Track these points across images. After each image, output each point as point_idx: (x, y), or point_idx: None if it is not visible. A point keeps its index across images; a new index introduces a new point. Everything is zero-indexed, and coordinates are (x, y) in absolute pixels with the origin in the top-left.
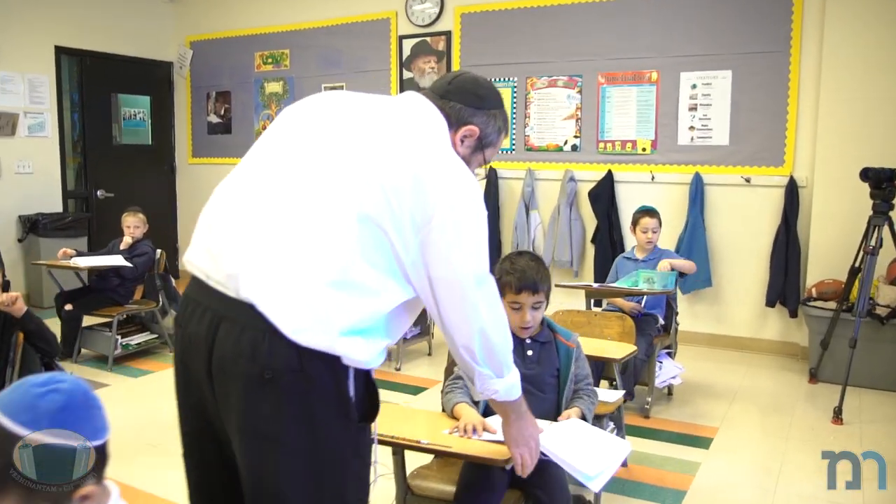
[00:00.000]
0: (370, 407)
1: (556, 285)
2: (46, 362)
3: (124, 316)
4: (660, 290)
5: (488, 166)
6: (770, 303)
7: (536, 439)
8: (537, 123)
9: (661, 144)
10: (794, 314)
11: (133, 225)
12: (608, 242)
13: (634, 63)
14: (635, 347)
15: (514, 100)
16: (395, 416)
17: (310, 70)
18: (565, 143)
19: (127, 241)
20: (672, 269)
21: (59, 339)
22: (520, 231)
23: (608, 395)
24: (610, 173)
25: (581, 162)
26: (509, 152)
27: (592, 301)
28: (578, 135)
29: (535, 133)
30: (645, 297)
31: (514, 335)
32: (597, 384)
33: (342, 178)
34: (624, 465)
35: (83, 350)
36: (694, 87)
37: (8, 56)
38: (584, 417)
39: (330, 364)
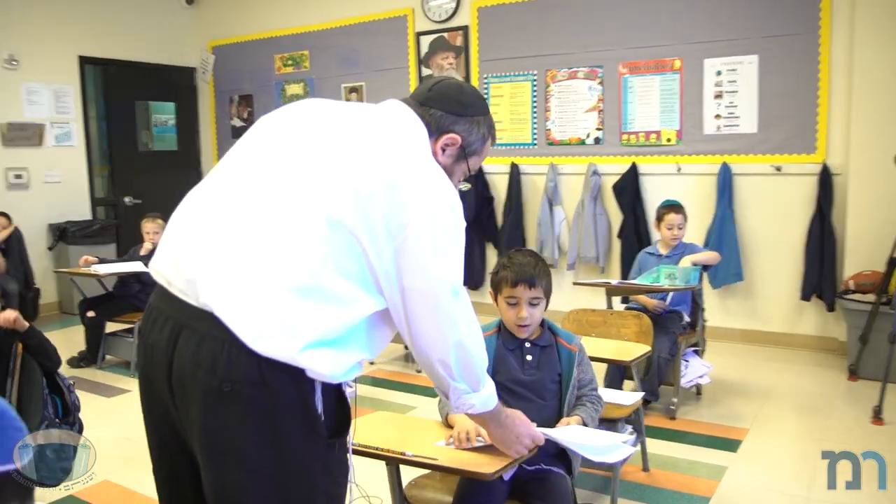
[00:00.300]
0: (341, 422)
1: (575, 283)
2: (46, 372)
3: None
4: (682, 286)
5: (470, 178)
6: (805, 296)
7: (526, 432)
8: (558, 117)
9: (686, 134)
10: (831, 308)
11: (153, 231)
12: (634, 237)
13: (656, 51)
14: (649, 348)
15: (535, 94)
16: (390, 425)
17: (329, 70)
18: (587, 135)
19: (147, 246)
20: (694, 265)
21: (86, 345)
22: (543, 227)
23: (625, 397)
24: (634, 166)
25: (604, 155)
26: (531, 147)
27: (620, 298)
28: (601, 127)
29: (557, 127)
30: (671, 293)
31: (513, 337)
32: (619, 385)
33: (312, 182)
34: (646, 469)
35: (107, 356)
36: (719, 73)
37: (33, 67)
38: (584, 425)
39: (294, 376)
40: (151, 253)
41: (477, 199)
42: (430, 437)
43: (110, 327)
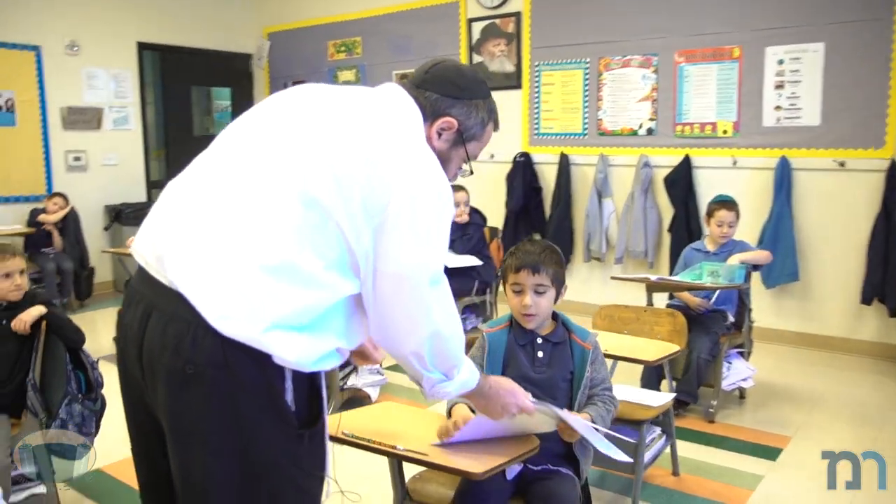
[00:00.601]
0: (314, 413)
1: (613, 278)
2: (70, 348)
3: None
4: (725, 285)
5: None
6: (866, 300)
7: (512, 401)
8: (610, 106)
9: (743, 126)
10: (893, 313)
11: None
12: (685, 232)
13: (714, 39)
14: (678, 347)
15: (587, 82)
16: (394, 416)
17: (381, 57)
18: (640, 126)
19: None
20: (742, 264)
21: None
22: (591, 220)
23: (653, 397)
24: (687, 158)
25: (657, 146)
26: (581, 137)
27: (668, 295)
28: (654, 117)
29: (608, 116)
30: (717, 291)
31: (524, 332)
32: (657, 386)
33: (288, 160)
34: (675, 473)
35: None
36: (781, 62)
37: (93, 53)
38: (592, 423)
39: (259, 361)
40: None
41: (525, 189)
42: (432, 430)
43: None
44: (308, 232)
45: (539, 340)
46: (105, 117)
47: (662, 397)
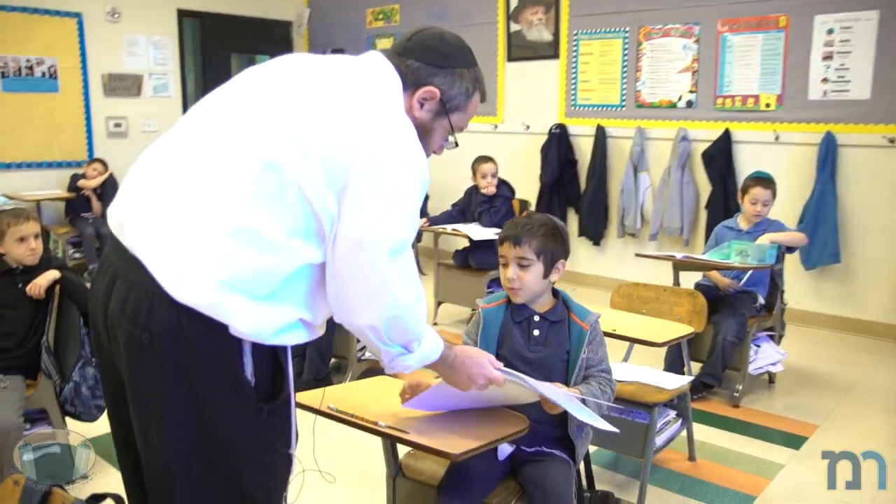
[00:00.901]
0: (276, 387)
1: (637, 255)
2: (84, 313)
3: None
4: (754, 265)
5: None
6: None
7: (479, 372)
8: (649, 77)
9: (787, 100)
10: None
11: None
12: (722, 209)
13: (760, 7)
14: (691, 329)
15: (626, 52)
16: (385, 392)
17: (418, 24)
18: (679, 98)
19: None
20: (773, 244)
21: None
22: (626, 195)
23: (668, 379)
24: (727, 132)
25: (696, 119)
26: (619, 109)
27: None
28: (694, 89)
29: (647, 88)
30: (748, 272)
31: (521, 309)
32: (680, 369)
33: (250, 125)
34: (692, 458)
35: None
36: (830, 31)
37: (133, 20)
38: (582, 400)
39: (215, 332)
40: None
41: (559, 161)
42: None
43: None
44: (265, 195)
45: (536, 318)
46: (145, 84)
47: (678, 380)
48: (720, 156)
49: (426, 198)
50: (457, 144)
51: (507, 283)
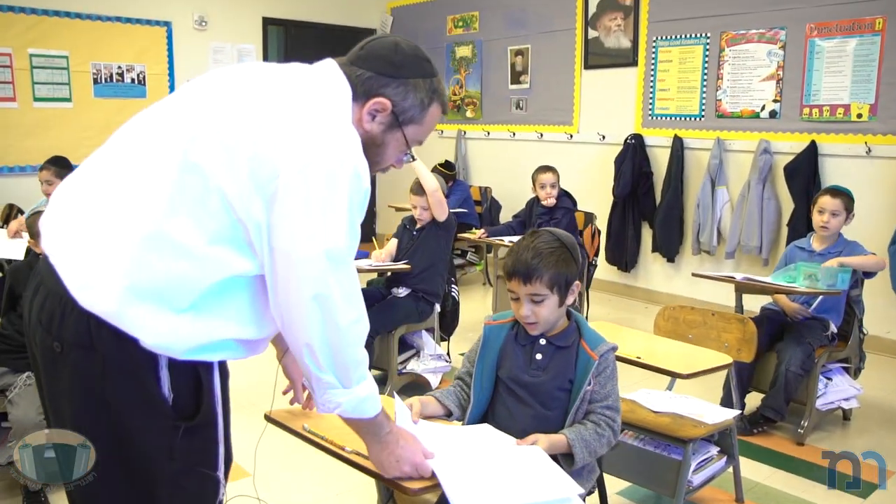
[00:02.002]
0: (198, 406)
1: (693, 275)
2: None
3: None
4: (822, 290)
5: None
6: None
7: (409, 458)
8: (731, 85)
9: (882, 110)
10: None
11: None
12: (805, 227)
13: (854, 8)
14: (730, 360)
15: (706, 59)
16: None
17: (497, 32)
18: (762, 108)
19: None
20: (843, 267)
21: None
22: (702, 210)
23: (712, 412)
24: (813, 144)
25: (779, 131)
26: (698, 119)
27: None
28: (778, 98)
29: (728, 97)
30: (818, 297)
31: (525, 332)
32: (741, 398)
33: (175, 129)
34: (739, 500)
35: None
36: None
37: (220, 28)
38: (568, 451)
39: (125, 343)
40: None
41: (634, 173)
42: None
43: None
44: (184, 199)
45: (542, 341)
46: None
47: (722, 413)
48: (805, 169)
49: (495, 208)
50: (413, 158)
51: (521, 318)
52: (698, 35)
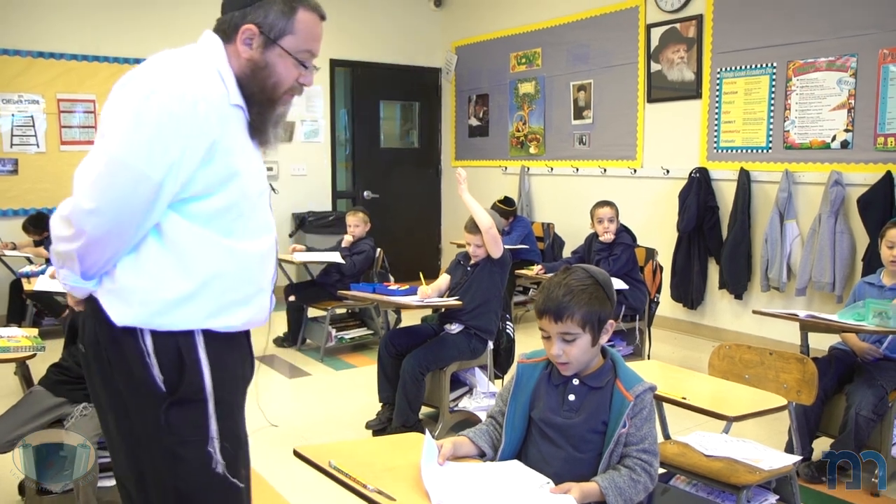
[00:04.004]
0: (186, 380)
1: (755, 312)
2: None
3: (344, 310)
4: (893, 329)
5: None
6: None
7: None
8: (799, 116)
9: None
10: None
11: (353, 224)
12: (880, 263)
13: None
14: (784, 402)
15: (773, 89)
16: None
17: (560, 68)
18: (833, 138)
19: (347, 238)
20: None
21: (287, 327)
22: (771, 245)
23: (770, 457)
24: (889, 175)
25: (852, 162)
26: (765, 151)
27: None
28: (850, 128)
29: (797, 128)
30: (889, 336)
31: (559, 372)
32: (808, 442)
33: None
34: None
35: (307, 340)
36: None
37: None
38: (602, 500)
39: (116, 335)
40: (352, 245)
41: (699, 208)
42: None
43: (312, 313)
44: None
45: (575, 381)
46: (297, 130)
47: (781, 458)
48: (879, 202)
49: (558, 244)
50: (317, 68)
51: (553, 357)
52: (764, 65)
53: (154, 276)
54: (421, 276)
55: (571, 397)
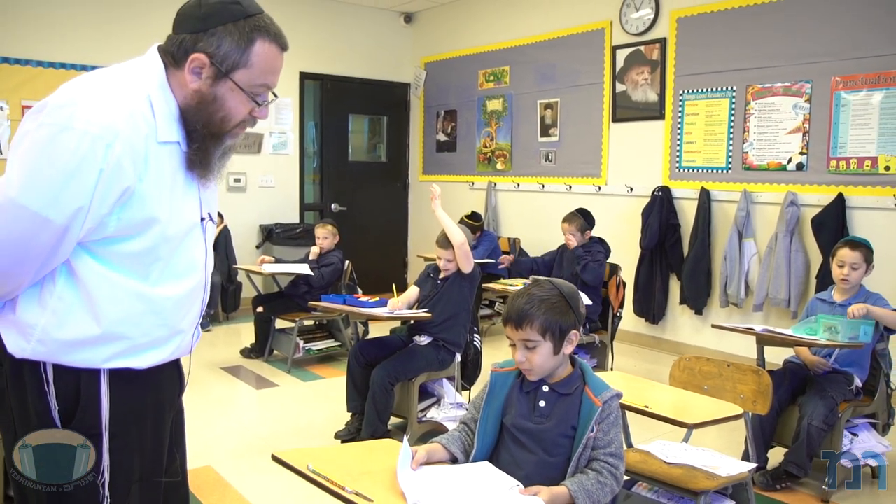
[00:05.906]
0: (84, 412)
1: (713, 326)
2: None
3: (312, 322)
4: (843, 343)
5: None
6: None
7: None
8: (757, 138)
9: None
10: None
11: (322, 236)
12: (832, 280)
13: (880, 62)
14: (739, 411)
15: (732, 112)
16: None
17: (527, 86)
18: (789, 160)
19: (315, 250)
20: (867, 317)
21: (255, 338)
22: (730, 262)
23: (726, 464)
24: (841, 197)
25: (806, 183)
26: (724, 171)
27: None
28: (805, 151)
29: (755, 149)
30: (837, 350)
31: (528, 380)
32: (763, 451)
33: None
34: None
35: (275, 351)
36: None
37: None
38: (571, 502)
39: (15, 360)
40: (320, 257)
41: (661, 225)
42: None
43: (280, 324)
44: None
45: (545, 388)
46: (265, 142)
47: (739, 466)
48: (832, 222)
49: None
50: (275, 96)
51: (518, 365)
52: (724, 88)
53: (58, 313)
54: (394, 288)
55: (542, 403)
